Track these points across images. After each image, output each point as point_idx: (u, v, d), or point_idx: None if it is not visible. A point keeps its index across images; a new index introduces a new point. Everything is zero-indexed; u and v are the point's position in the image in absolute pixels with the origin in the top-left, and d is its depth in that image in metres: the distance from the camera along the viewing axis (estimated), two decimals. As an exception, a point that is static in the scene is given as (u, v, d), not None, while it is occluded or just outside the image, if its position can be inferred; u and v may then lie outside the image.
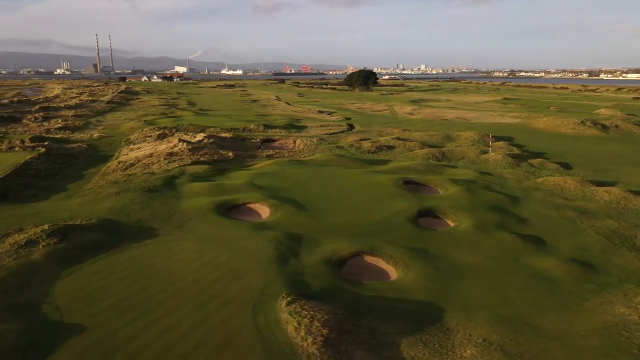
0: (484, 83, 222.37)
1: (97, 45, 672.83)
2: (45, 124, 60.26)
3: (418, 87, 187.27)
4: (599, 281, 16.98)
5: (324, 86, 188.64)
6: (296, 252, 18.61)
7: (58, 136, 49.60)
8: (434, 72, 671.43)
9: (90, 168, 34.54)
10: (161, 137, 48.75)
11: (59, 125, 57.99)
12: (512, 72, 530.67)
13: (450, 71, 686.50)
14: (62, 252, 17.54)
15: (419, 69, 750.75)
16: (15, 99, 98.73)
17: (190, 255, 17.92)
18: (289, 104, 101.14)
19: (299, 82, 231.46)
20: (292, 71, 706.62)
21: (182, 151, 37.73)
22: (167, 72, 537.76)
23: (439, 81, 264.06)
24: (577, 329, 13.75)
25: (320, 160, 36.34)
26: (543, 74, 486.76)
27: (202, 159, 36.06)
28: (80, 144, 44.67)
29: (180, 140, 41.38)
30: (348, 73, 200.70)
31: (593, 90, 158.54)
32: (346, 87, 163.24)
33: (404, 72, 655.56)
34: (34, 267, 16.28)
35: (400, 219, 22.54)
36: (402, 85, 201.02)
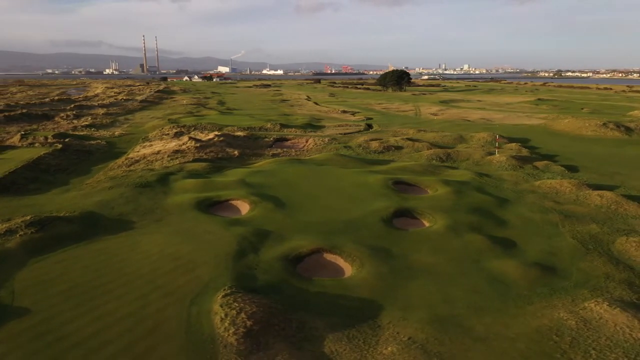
0: (525, 83, 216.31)
1: (144, 46, 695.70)
2: (75, 121, 63.15)
3: (454, 87, 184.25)
4: (554, 285, 16.69)
5: (359, 86, 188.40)
6: (258, 247, 19.10)
7: (81, 133, 51.97)
8: (477, 72, 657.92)
9: (99, 164, 36.17)
10: (178, 135, 50.23)
11: (86, 123, 60.65)
12: (559, 72, 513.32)
13: (494, 71, 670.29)
14: (36, 241, 18.69)
15: (461, 68, 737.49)
16: (56, 97, 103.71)
17: (155, 248, 18.72)
18: (317, 104, 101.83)
19: (335, 82, 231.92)
20: (333, 71, 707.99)
21: (188, 149, 38.91)
22: (210, 72, 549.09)
23: (478, 81, 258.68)
24: (508, 331, 13.64)
25: (320, 159, 36.70)
26: (591, 74, 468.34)
27: (205, 156, 37.11)
28: (99, 141, 46.71)
29: (190, 138, 42.63)
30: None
31: (638, 91, 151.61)
32: (379, 87, 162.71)
33: (446, 72, 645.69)
34: (5, 255, 17.44)
35: (373, 219, 22.66)
36: (438, 85, 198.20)
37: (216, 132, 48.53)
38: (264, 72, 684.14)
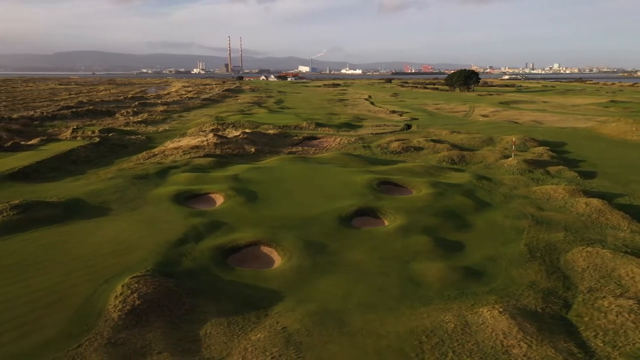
0: (612, 84, 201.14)
1: (229, 47, 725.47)
2: (131, 117, 68.16)
3: (529, 88, 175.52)
4: (467, 289, 16.47)
5: (428, 86, 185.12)
6: (202, 237, 20.37)
7: (128, 128, 56.24)
8: (567, 71, 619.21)
9: (125, 157, 39.27)
10: (214, 131, 52.87)
11: (139, 119, 65.29)
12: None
13: (587, 71, 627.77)
14: (14, 222, 21.20)
15: (550, 68, 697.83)
16: (130, 95, 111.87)
17: (112, 233, 20.58)
18: (373, 104, 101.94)
19: (407, 82, 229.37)
20: (412, 70, 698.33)
21: (208, 145, 41.12)
22: (291, 71, 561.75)
23: (561, 82, 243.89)
24: (381, 329, 13.83)
25: (325, 158, 37.43)
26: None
27: (219, 152, 39.09)
28: (139, 136, 50.42)
29: (214, 135, 44.95)
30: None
31: None
32: (447, 88, 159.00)
33: (533, 71, 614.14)
34: (-22, 232, 20.02)
35: (331, 216, 23.15)
36: (512, 85, 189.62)
37: (245, 130, 50.64)
38: (343, 71, 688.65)
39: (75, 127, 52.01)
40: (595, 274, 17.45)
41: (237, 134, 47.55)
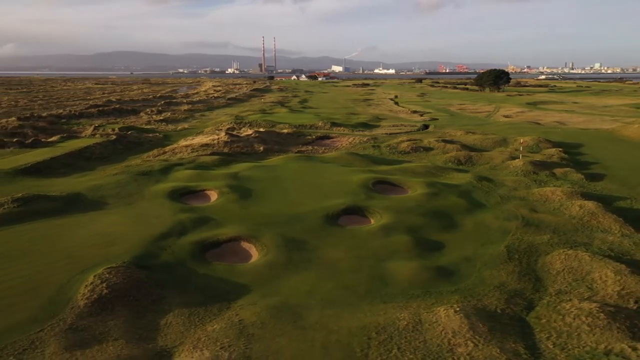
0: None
1: (263, 47, 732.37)
2: (154, 116, 69.98)
3: (563, 88, 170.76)
4: (434, 289, 16.53)
5: (458, 86, 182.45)
6: (186, 232, 21.01)
7: (148, 127, 57.87)
8: (608, 71, 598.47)
9: (137, 154, 40.55)
10: (229, 130, 53.91)
11: (161, 118, 67.00)
12: None
13: (630, 70, 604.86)
14: (14, 214, 22.37)
15: (591, 67, 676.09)
16: (159, 94, 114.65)
17: (102, 226, 21.47)
18: (397, 104, 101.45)
19: (438, 82, 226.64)
20: (447, 70, 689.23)
21: (218, 143, 42.01)
22: (322, 71, 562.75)
23: (599, 82, 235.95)
24: (334, 324, 14.05)
25: (329, 158, 37.73)
26: None
27: (227, 150, 39.88)
28: (157, 134, 51.80)
29: (226, 133, 45.83)
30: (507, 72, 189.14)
31: None
32: (477, 88, 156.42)
33: (572, 71, 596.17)
34: (-21, 223, 21.22)
35: (318, 214, 23.45)
36: (546, 86, 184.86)
37: (259, 129, 51.40)
38: (376, 71, 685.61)
39: (97, 125, 53.90)
40: (568, 277, 17.23)
41: (250, 133, 48.34)
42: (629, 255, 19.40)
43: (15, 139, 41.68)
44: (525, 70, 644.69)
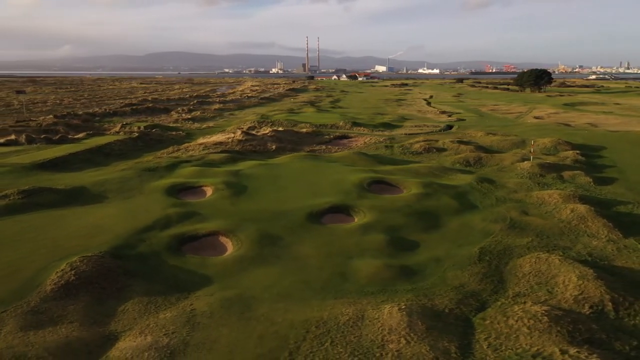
0: None
1: (307, 46, 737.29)
2: (184, 115, 72.09)
3: (611, 88, 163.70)
4: (391, 287, 16.66)
5: (499, 86, 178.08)
6: (170, 225, 21.87)
7: (173, 125, 59.80)
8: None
9: (154, 151, 42.07)
10: (250, 129, 55.07)
11: (189, 117, 68.96)
12: None
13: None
14: (17, 205, 23.91)
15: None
16: (195, 94, 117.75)
17: (96, 218, 22.64)
18: (429, 104, 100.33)
19: (479, 82, 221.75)
20: (493, 70, 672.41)
21: (231, 141, 43.06)
22: (365, 70, 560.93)
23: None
24: (281, 317, 14.46)
25: (335, 157, 38.02)
26: None
27: (238, 148, 40.83)
28: (180, 132, 53.53)
29: (242, 132, 46.86)
30: (557, 72, 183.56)
31: None
32: (517, 88, 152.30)
33: (628, 71, 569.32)
34: (-18, 212, 22.83)
35: (302, 212, 23.84)
36: (593, 86, 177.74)
37: (277, 128, 52.21)
38: (420, 71, 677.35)
39: (125, 123, 56.16)
40: (532, 280, 16.98)
41: (267, 132, 49.20)
42: (608, 260, 18.88)
43: (43, 136, 44.05)
44: (577, 70, 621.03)
